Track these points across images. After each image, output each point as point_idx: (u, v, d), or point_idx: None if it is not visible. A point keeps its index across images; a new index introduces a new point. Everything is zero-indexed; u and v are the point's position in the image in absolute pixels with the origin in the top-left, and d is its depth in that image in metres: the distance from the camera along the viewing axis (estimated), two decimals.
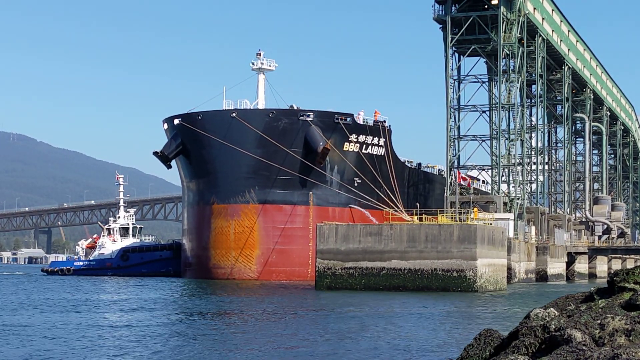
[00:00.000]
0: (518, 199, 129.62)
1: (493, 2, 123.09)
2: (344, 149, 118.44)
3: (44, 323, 47.46)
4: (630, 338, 15.54)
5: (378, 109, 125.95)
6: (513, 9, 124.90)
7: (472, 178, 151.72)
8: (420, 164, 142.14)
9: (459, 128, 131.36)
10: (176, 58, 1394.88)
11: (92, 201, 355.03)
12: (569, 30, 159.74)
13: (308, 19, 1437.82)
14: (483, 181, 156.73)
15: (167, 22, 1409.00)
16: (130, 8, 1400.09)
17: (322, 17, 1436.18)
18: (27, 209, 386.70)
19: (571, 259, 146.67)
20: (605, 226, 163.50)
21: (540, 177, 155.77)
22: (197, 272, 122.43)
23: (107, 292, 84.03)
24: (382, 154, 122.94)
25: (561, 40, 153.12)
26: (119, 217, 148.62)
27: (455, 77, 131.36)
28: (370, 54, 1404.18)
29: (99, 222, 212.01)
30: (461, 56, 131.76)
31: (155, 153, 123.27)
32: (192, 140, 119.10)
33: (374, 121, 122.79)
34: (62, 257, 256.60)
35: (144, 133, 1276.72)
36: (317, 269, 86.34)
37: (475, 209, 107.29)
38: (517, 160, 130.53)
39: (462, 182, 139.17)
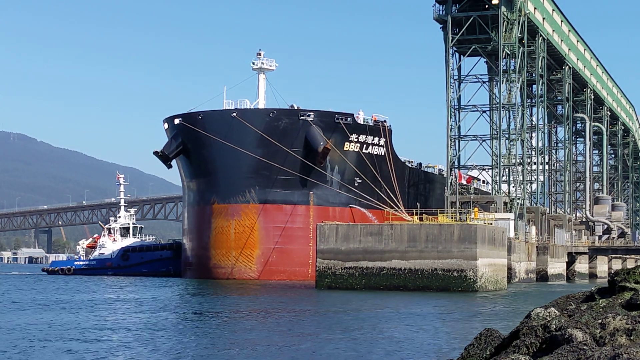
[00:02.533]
0: (518, 198, 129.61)
1: (493, 2, 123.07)
2: (345, 148, 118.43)
3: (43, 323, 47.46)
4: (632, 338, 15.54)
5: (378, 109, 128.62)
6: (513, 9, 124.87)
7: (473, 178, 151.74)
8: (420, 164, 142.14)
9: (459, 128, 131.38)
10: (177, 58, 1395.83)
11: (113, 199, 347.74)
12: (569, 30, 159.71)
13: (309, 19, 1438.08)
14: (483, 181, 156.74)
15: (167, 22, 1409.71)
16: (130, 8, 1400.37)
17: (323, 17, 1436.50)
18: (27, 208, 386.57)
19: (571, 259, 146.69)
20: (606, 226, 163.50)
21: (541, 177, 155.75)
22: (198, 272, 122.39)
23: (107, 291, 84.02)
24: (383, 154, 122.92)
25: (562, 40, 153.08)
26: (119, 217, 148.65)
27: (455, 77, 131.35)
28: (370, 53, 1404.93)
29: (100, 222, 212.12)
30: (462, 56, 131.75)
31: (155, 153, 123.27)
32: (193, 140, 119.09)
33: (374, 121, 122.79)
34: (62, 257, 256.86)
35: (144, 133, 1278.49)
36: (317, 268, 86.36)
37: (476, 209, 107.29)
38: (518, 160, 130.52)
39: (463, 182, 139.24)
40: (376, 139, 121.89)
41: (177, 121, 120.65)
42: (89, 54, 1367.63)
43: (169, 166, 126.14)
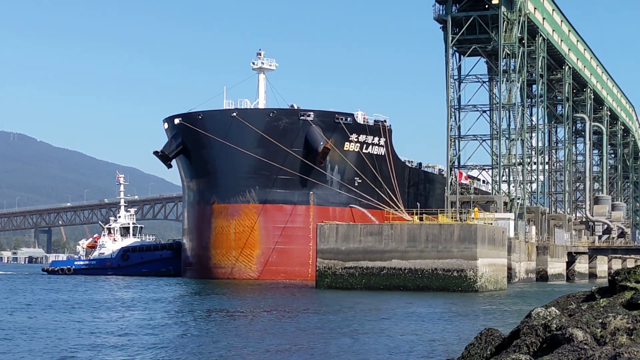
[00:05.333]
0: (518, 198, 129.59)
1: (494, 2, 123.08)
2: (345, 148, 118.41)
3: (43, 323, 47.45)
4: (632, 337, 15.54)
5: (378, 109, 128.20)
6: (513, 9, 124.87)
7: (472, 178, 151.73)
8: (420, 164, 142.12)
9: (459, 128, 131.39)
10: (177, 58, 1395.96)
11: (133, 197, 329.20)
12: (569, 30, 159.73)
13: (309, 19, 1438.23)
14: (483, 181, 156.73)
15: (167, 22, 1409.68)
16: (128, 8, 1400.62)
17: (323, 17, 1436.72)
18: (27, 208, 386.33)
19: (571, 258, 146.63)
20: (606, 226, 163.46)
21: (541, 177, 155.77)
22: (198, 272, 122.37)
23: (107, 291, 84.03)
24: (383, 154, 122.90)
25: (562, 40, 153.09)
26: (119, 217, 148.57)
27: (455, 77, 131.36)
28: (371, 53, 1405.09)
29: (100, 222, 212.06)
30: (462, 56, 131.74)
31: (155, 152, 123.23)
32: (193, 139, 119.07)
33: (374, 121, 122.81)
34: (62, 257, 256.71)
35: (144, 133, 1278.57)
36: (317, 268, 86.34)
37: (476, 209, 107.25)
38: (518, 160, 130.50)
39: (465, 182, 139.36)
40: (376, 139, 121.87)
41: (177, 121, 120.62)
42: (89, 54, 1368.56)
43: (169, 166, 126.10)
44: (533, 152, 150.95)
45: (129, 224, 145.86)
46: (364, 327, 45.52)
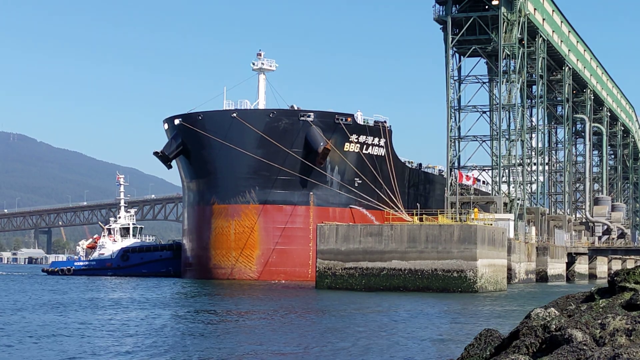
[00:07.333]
0: (518, 199, 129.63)
1: (494, 3, 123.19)
2: (345, 149, 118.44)
3: (44, 323, 47.46)
4: (631, 338, 15.57)
5: (378, 109, 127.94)
6: (513, 10, 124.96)
7: (477, 180, 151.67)
8: (420, 165, 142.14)
9: (459, 128, 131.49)
10: (177, 58, 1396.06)
11: (149, 196, 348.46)
12: (569, 31, 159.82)
13: (309, 19, 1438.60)
14: (483, 182, 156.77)
15: (167, 23, 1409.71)
16: (129, 8, 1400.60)
17: (323, 17, 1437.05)
18: (27, 209, 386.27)
19: (571, 259, 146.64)
20: (606, 227, 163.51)
21: (541, 178, 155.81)
22: (198, 273, 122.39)
23: (107, 291, 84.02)
24: (383, 155, 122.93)
25: (561, 41, 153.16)
26: (119, 217, 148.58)
27: (455, 78, 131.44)
28: (371, 54, 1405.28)
29: (100, 222, 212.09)
30: (462, 56, 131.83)
31: (155, 153, 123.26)
32: (193, 140, 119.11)
33: (374, 121, 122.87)
34: (62, 257, 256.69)
35: (144, 133, 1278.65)
36: (317, 269, 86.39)
37: (476, 210, 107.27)
38: (518, 161, 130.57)
39: (467, 182, 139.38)
40: (376, 140, 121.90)
41: (177, 121, 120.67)
42: (89, 54, 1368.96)
43: (169, 166, 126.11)
44: (533, 153, 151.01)
45: (128, 224, 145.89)
46: (364, 327, 45.52)
